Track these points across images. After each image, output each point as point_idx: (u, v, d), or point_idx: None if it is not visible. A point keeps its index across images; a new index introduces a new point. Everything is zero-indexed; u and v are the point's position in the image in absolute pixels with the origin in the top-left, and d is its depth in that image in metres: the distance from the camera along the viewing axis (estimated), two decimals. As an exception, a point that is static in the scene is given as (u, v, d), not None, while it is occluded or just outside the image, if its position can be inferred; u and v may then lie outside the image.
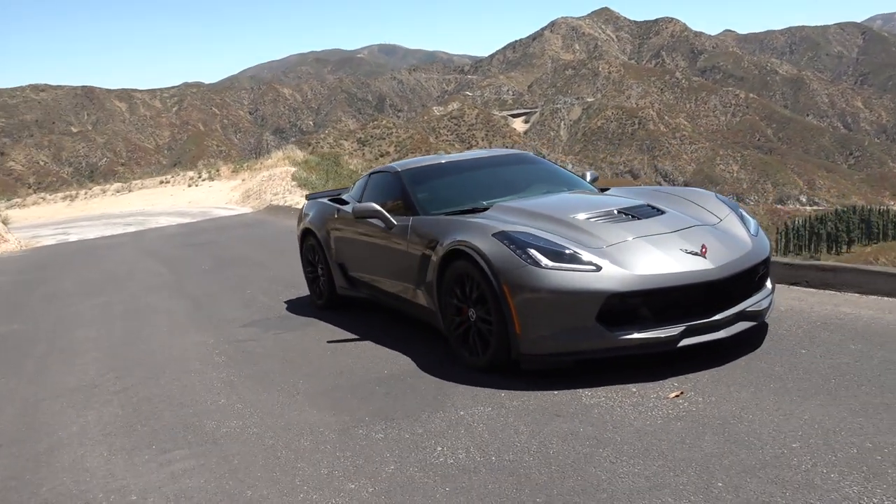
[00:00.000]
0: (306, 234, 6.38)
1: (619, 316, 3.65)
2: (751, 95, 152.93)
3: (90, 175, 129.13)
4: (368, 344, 4.90)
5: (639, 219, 4.15)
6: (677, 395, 3.39)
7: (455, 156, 5.94)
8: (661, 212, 4.28)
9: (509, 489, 2.67)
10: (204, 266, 9.68)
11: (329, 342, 5.08)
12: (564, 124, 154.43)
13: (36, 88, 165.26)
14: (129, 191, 51.14)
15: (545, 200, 4.73)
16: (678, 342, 3.63)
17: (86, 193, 52.17)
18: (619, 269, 3.66)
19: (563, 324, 3.65)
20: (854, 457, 2.62)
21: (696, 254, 3.77)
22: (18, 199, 52.71)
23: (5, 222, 28.23)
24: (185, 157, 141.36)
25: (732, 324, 3.77)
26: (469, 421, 3.35)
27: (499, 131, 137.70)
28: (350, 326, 5.43)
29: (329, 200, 6.36)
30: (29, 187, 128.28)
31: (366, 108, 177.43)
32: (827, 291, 5.00)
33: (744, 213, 4.46)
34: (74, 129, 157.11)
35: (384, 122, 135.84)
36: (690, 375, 3.61)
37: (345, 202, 6.08)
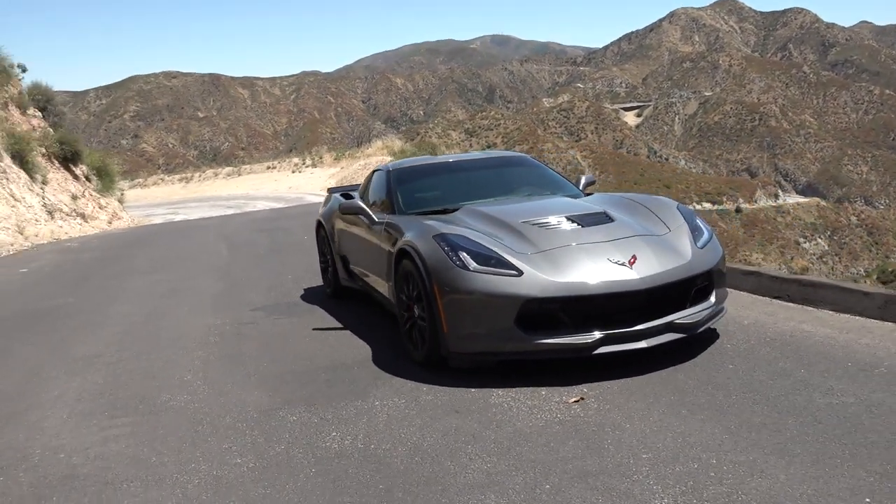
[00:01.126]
0: (319, 226, 6.75)
1: (537, 320, 3.78)
2: (886, 92, 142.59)
3: (213, 158, 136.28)
4: (346, 333, 5.20)
5: (583, 226, 4.23)
6: (576, 401, 3.49)
7: (450, 156, 6.15)
8: (610, 220, 4.33)
9: (364, 475, 2.90)
10: (260, 251, 10.28)
11: (314, 329, 5.40)
12: (679, 119, 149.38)
13: (168, 75, 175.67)
14: (239, 175, 53.86)
15: (508, 206, 4.85)
16: (594, 349, 3.72)
17: (200, 176, 55.32)
18: (540, 275, 3.78)
19: (485, 325, 3.81)
20: (689, 472, 2.68)
21: (622, 264, 3.83)
22: (140, 180, 56.49)
23: (121, 201, 30.46)
24: (300, 143, 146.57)
25: (657, 335, 3.81)
26: (377, 411, 3.59)
27: (609, 124, 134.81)
28: (342, 316, 5.75)
29: (341, 195, 6.70)
30: (158, 168, 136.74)
31: (475, 98, 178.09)
32: (805, 307, 4.88)
33: (701, 224, 4.44)
34: (201, 115, 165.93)
35: (493, 112, 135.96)
36: (604, 383, 3.69)
37: (352, 198, 6.39)
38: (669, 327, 3.85)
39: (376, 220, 5.20)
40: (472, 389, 3.77)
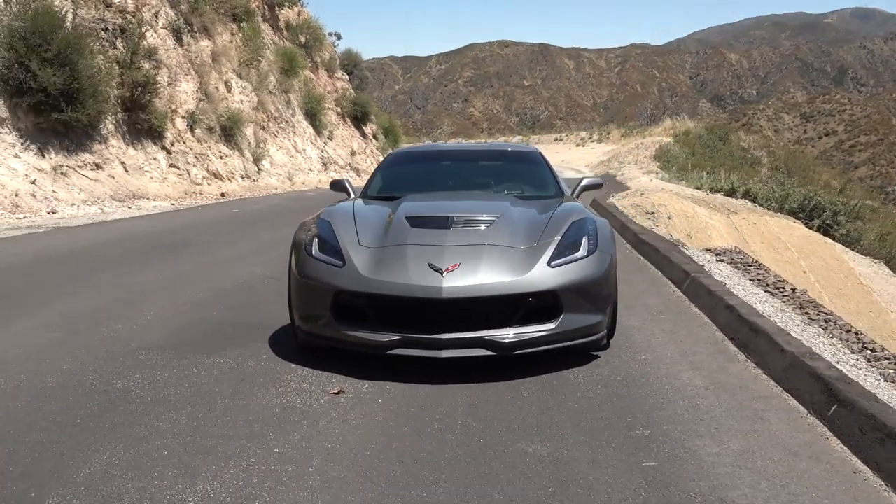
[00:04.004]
0: None
1: (349, 312, 3.92)
2: None
3: (532, 125, 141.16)
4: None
5: (450, 227, 4.18)
6: (336, 393, 3.62)
7: (453, 145, 6.19)
8: (486, 224, 4.21)
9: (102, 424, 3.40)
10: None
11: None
12: None
13: (502, 44, 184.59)
14: (527, 145, 55.17)
15: (431, 202, 4.88)
16: (389, 349, 3.77)
17: (490, 141, 58.06)
18: (358, 269, 3.90)
19: (311, 309, 4.06)
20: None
21: (437, 270, 3.78)
22: (441, 141, 61.04)
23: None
24: (617, 116, 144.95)
25: (462, 347, 3.72)
26: (211, 378, 4.03)
27: None
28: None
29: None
30: (481, 131, 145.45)
31: (821, 79, 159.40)
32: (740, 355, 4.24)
33: (587, 243, 4.07)
34: (526, 83, 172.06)
35: (838, 96, 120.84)
36: (388, 385, 3.71)
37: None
38: (479, 342, 3.72)
39: (349, 196, 5.53)
40: (269, 362, 4.08)
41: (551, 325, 3.83)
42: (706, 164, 28.62)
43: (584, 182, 5.68)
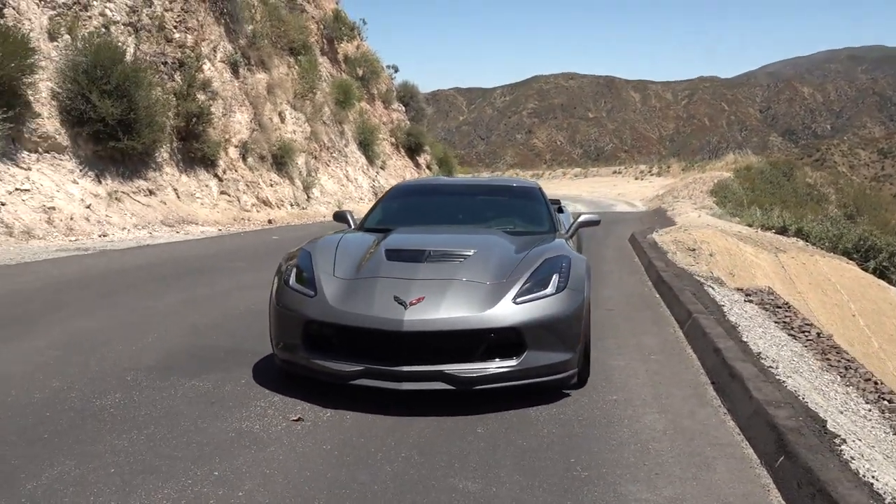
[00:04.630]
0: None
1: (318, 341, 4.02)
2: None
3: (596, 157, 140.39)
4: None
5: (423, 261, 4.25)
6: (296, 420, 3.71)
7: (455, 179, 6.28)
8: (459, 259, 4.26)
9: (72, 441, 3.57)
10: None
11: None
12: None
13: (566, 76, 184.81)
14: (585, 176, 55.34)
15: (419, 236, 4.98)
16: (351, 379, 3.84)
17: (549, 174, 58.22)
18: (328, 300, 4.00)
19: (286, 337, 4.18)
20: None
21: (401, 303, 3.85)
22: (498, 172, 61.07)
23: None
24: (684, 150, 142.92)
25: (422, 380, 3.76)
26: (184, 400, 4.19)
27: None
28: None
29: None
30: (544, 163, 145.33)
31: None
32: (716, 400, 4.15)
33: (555, 280, 4.08)
34: (590, 115, 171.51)
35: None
36: (350, 414, 3.77)
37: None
38: (440, 376, 3.76)
39: (350, 227, 5.68)
40: (245, 387, 4.19)
41: (513, 362, 3.84)
42: (765, 200, 27.92)
43: (581, 218, 5.69)
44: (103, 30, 15.93)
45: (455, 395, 3.85)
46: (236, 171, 18.03)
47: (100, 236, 12.97)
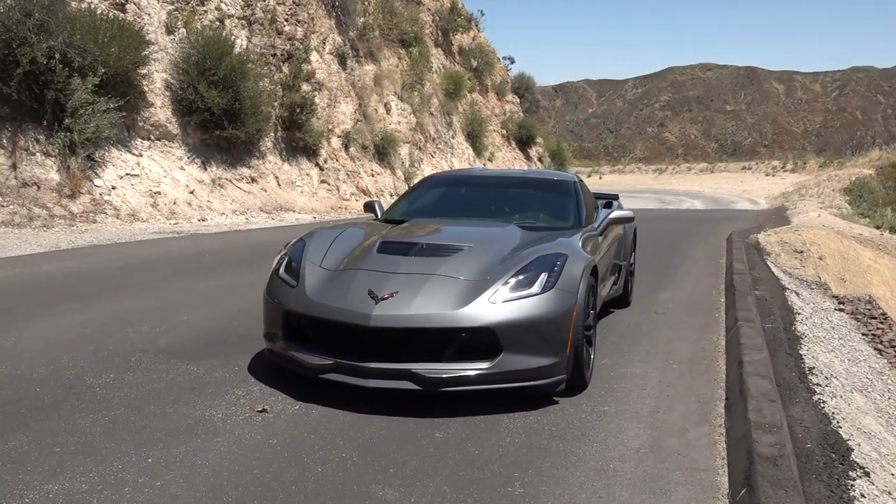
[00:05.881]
0: None
1: (296, 333, 3.96)
2: None
3: (733, 152, 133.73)
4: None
5: (410, 255, 4.11)
6: (260, 411, 3.67)
7: (490, 171, 6.04)
8: (446, 255, 4.08)
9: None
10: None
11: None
12: None
13: (704, 67, 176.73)
14: (711, 172, 52.88)
15: (426, 226, 4.83)
16: (321, 373, 3.76)
17: (673, 169, 56.12)
18: (307, 291, 3.94)
19: (270, 327, 4.15)
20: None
21: (373, 297, 3.72)
22: (620, 166, 59.74)
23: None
24: (831, 145, 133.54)
25: (389, 378, 3.62)
26: (167, 384, 4.27)
27: None
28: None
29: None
30: (676, 157, 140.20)
31: None
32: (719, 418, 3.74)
33: (542, 279, 3.81)
34: (728, 108, 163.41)
35: None
36: (317, 409, 3.69)
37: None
38: (407, 375, 3.59)
39: (376, 217, 5.61)
40: (234, 374, 4.21)
41: (485, 365, 3.62)
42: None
43: (612, 215, 5.33)
44: (218, 23, 16.73)
45: (436, 394, 3.67)
46: (337, 160, 18.46)
47: (199, 220, 13.64)
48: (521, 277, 3.82)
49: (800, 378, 4.66)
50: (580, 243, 4.54)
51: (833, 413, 4.11)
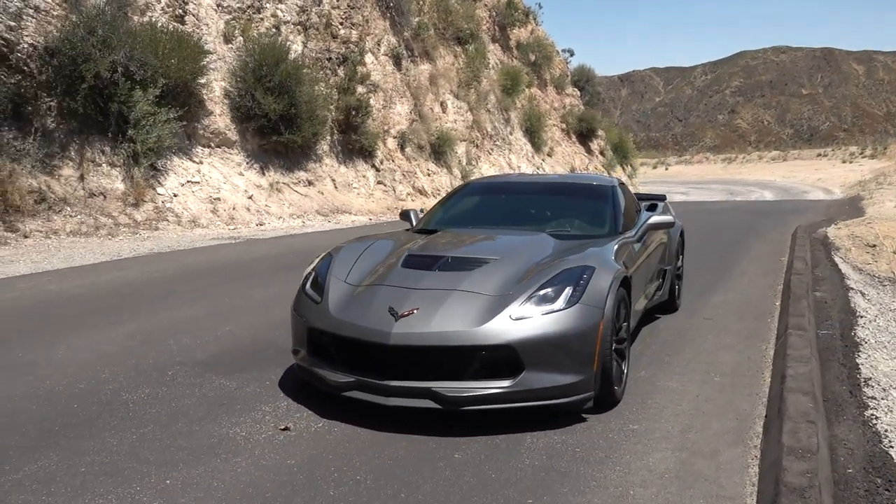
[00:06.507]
0: None
1: (320, 349, 3.97)
2: None
3: (809, 138, 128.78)
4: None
5: (433, 269, 4.05)
6: (283, 429, 3.69)
7: (529, 177, 5.91)
8: (471, 269, 4.01)
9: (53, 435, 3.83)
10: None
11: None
12: None
13: (777, 50, 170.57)
14: (784, 160, 51.04)
15: (458, 238, 4.76)
16: (342, 391, 3.75)
17: (744, 158, 54.39)
18: (330, 307, 3.93)
19: (297, 343, 4.17)
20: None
21: (393, 314, 3.68)
22: (687, 157, 58.08)
23: (631, 176, 32.57)
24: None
25: (410, 396, 3.58)
26: (198, 399, 4.34)
27: None
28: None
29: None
30: (749, 144, 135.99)
31: None
32: (756, 439, 3.55)
33: (567, 293, 3.70)
34: (804, 91, 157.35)
35: None
36: (339, 427, 3.68)
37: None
38: (428, 393, 3.54)
39: (411, 226, 5.58)
40: (265, 389, 4.24)
41: (506, 383, 3.54)
42: None
43: (651, 220, 5.15)
44: (274, 30, 17.04)
45: (457, 412, 3.62)
46: (393, 161, 18.56)
47: (257, 225, 13.92)
48: (545, 292, 3.72)
49: (851, 391, 4.40)
50: (614, 252, 4.41)
51: (886, 431, 3.86)
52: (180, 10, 15.01)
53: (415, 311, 3.67)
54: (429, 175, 19.43)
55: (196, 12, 15.48)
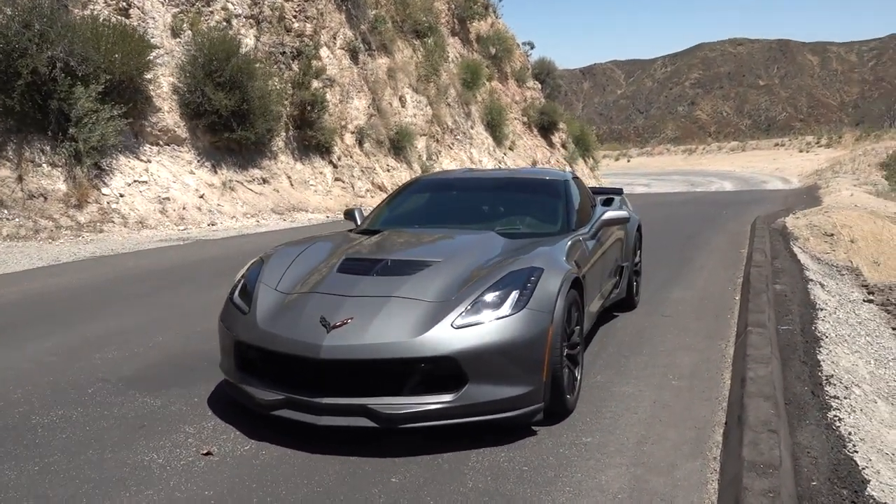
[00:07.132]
0: None
1: (248, 364, 3.64)
2: None
3: (767, 129, 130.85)
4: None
5: (371, 274, 3.75)
6: (205, 454, 3.36)
7: (479, 172, 5.66)
8: (422, 269, 3.71)
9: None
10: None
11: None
12: None
13: (734, 42, 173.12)
14: (743, 150, 51.70)
15: (398, 239, 4.46)
16: (271, 409, 3.43)
17: (703, 149, 55.00)
18: (256, 318, 3.61)
19: (225, 358, 3.84)
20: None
21: (325, 325, 3.37)
22: (648, 149, 58.68)
23: (593, 168, 32.53)
24: (868, 116, 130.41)
25: (343, 414, 3.27)
26: (116, 422, 3.99)
27: None
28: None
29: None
30: (709, 135, 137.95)
31: None
32: (715, 449, 3.32)
33: (513, 298, 3.43)
34: (761, 83, 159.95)
35: None
36: (267, 449, 3.37)
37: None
38: (362, 410, 3.24)
39: (356, 225, 5.27)
40: (191, 407, 3.90)
41: (448, 398, 3.25)
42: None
43: (604, 216, 4.90)
44: (225, 24, 16.50)
45: (399, 430, 3.32)
46: (351, 157, 18.17)
47: (209, 225, 13.45)
48: (489, 297, 3.44)
49: (814, 392, 4.21)
50: (565, 251, 4.15)
51: (850, 433, 3.67)
52: (124, 3, 14.43)
53: (349, 322, 3.36)
54: (388, 171, 19.07)
55: (141, 5, 14.90)
